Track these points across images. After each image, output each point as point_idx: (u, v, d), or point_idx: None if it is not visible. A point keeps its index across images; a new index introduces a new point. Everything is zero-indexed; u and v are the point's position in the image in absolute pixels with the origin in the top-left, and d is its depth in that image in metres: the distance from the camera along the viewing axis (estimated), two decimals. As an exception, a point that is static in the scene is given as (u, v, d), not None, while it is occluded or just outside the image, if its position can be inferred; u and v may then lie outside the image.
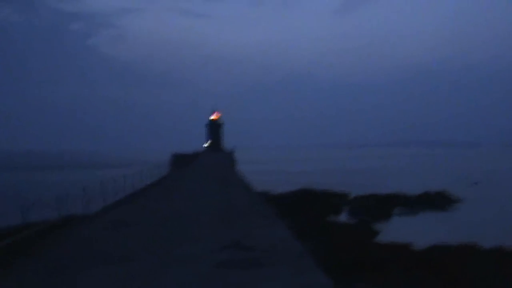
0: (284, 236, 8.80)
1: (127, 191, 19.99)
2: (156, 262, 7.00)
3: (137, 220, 11.35)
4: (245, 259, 6.91)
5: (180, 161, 50.83)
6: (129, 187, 21.66)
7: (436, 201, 39.04)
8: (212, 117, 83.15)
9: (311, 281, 5.75)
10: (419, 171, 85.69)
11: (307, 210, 30.75)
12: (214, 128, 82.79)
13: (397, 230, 26.59)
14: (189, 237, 8.74)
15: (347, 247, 16.17)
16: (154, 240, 8.63)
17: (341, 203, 39.27)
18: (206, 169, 34.17)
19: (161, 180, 32.68)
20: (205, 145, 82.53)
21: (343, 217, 32.36)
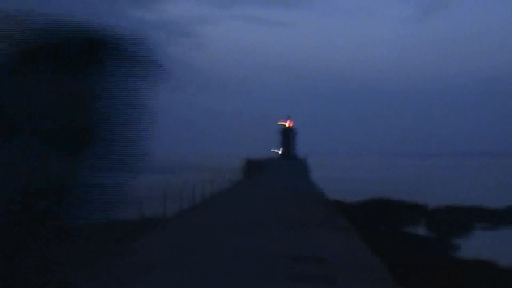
0: (360, 249, 8.44)
1: (203, 196, 20.24)
2: (225, 272, 6.85)
3: (211, 229, 11.36)
4: (318, 274, 6.65)
5: (253, 167, 51.07)
6: (206, 192, 21.94)
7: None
8: (285, 124, 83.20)
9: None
10: (500, 183, 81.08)
11: (382, 221, 29.84)
12: (287, 135, 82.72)
13: (479, 246, 25.12)
14: (260, 247, 8.57)
15: (426, 263, 15.41)
16: (221, 250, 8.54)
17: (418, 214, 37.81)
18: (280, 176, 34.09)
19: (235, 186, 32.93)
20: (278, 151, 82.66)
21: (420, 230, 31.08)
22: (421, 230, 30.83)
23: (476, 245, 25.29)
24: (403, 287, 6.22)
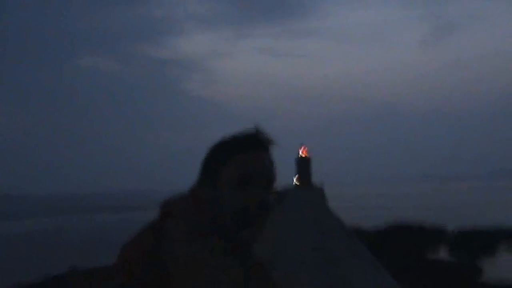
0: (386, 281, 8.36)
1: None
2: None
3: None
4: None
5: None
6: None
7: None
8: (301, 153, 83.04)
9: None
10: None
11: (403, 248, 29.40)
12: (303, 164, 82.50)
13: (505, 268, 24.58)
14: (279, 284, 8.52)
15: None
16: None
17: (440, 238, 37.18)
18: (296, 207, 33.90)
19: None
20: (295, 181, 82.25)
21: (443, 255, 30.54)
22: (444, 255, 30.27)
23: (501, 268, 24.74)
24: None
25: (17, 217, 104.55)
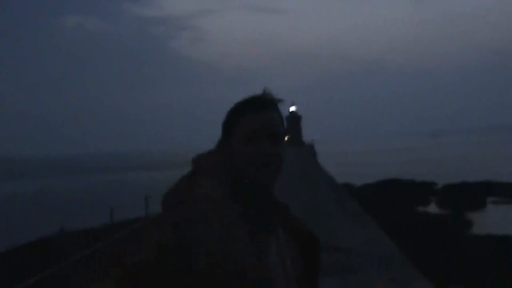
0: (374, 234, 8.22)
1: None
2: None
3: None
4: (333, 263, 6.44)
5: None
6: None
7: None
8: (291, 110, 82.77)
9: (412, 287, 5.19)
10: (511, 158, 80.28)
11: (393, 202, 29.60)
12: (293, 121, 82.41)
13: (493, 221, 24.86)
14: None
15: (441, 242, 15.20)
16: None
17: (429, 193, 37.53)
18: (286, 163, 33.85)
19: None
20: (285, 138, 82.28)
21: (432, 208, 30.84)
22: (433, 208, 30.58)
23: (489, 220, 25.03)
24: (420, 272, 6.00)
25: (8, 178, 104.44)
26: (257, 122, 1.35)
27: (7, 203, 49.02)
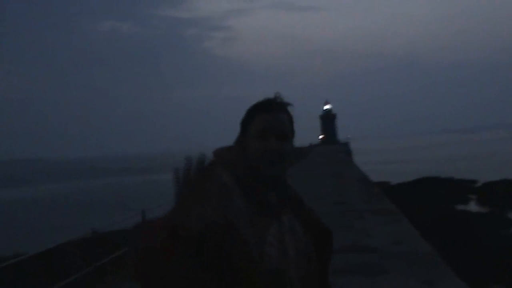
0: (408, 233, 7.97)
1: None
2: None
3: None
4: (365, 263, 6.25)
5: (295, 154, 50.63)
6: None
7: None
8: (325, 108, 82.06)
9: (445, 289, 4.96)
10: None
11: (431, 200, 28.89)
12: (328, 120, 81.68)
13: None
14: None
15: (480, 241, 14.69)
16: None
17: (469, 191, 36.49)
18: (321, 163, 33.57)
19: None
20: (320, 137, 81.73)
21: (472, 206, 29.94)
22: (473, 207, 29.68)
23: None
24: (456, 273, 5.75)
25: (38, 181, 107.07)
26: (267, 121, 1.52)
27: (37, 206, 50.26)
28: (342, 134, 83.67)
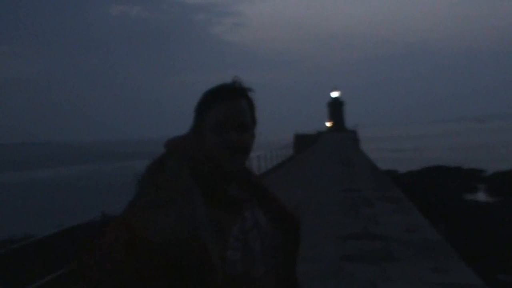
0: (416, 221, 7.95)
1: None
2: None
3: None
4: (374, 251, 6.25)
5: (303, 141, 50.61)
6: (258, 169, 21.80)
7: None
8: (333, 95, 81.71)
9: (455, 277, 4.96)
10: None
11: (439, 189, 28.81)
12: (336, 107, 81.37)
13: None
14: (308, 225, 8.21)
15: (488, 231, 14.66)
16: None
17: (477, 180, 36.35)
18: (329, 150, 33.50)
19: (286, 161, 32.67)
20: (327, 124, 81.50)
21: (480, 196, 29.85)
22: (481, 196, 29.58)
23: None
24: (466, 261, 5.74)
25: (51, 164, 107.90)
26: (226, 111, 1.39)
27: (52, 188, 50.67)
28: (350, 121, 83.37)
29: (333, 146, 37.71)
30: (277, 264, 1.42)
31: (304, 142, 49.57)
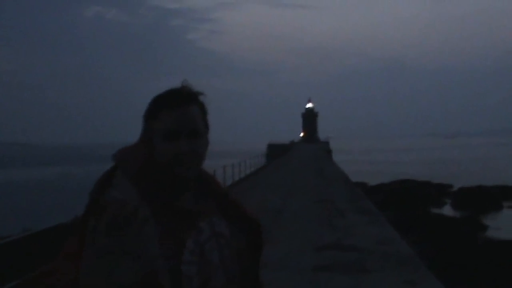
0: (388, 234, 8.17)
1: (227, 182, 20.18)
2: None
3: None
4: (348, 262, 6.41)
5: (276, 151, 50.90)
6: (230, 178, 21.84)
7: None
8: (308, 106, 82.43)
9: (425, 290, 5.15)
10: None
11: (408, 202, 29.36)
12: (310, 118, 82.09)
13: (508, 226, 24.50)
14: (283, 235, 8.33)
15: (455, 245, 15.04)
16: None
17: (445, 195, 37.15)
18: (302, 160, 33.78)
19: (258, 171, 32.78)
20: (300, 135, 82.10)
21: (447, 210, 30.51)
22: (448, 211, 30.23)
23: (505, 225, 24.66)
24: (434, 273, 5.95)
25: (24, 165, 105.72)
26: (175, 119, 1.32)
27: (23, 190, 49.64)
28: (323, 132, 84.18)
29: (306, 156, 38.04)
30: (241, 272, 1.38)
31: (277, 152, 49.87)
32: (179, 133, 1.31)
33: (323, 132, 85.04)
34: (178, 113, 1.32)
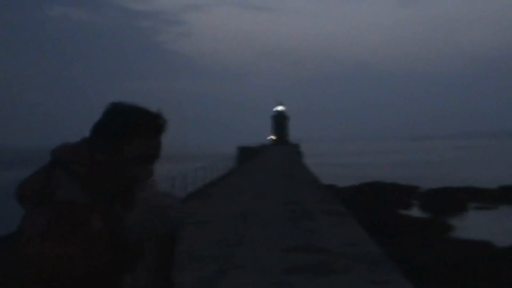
0: (357, 235, 8.18)
1: (197, 185, 20.03)
2: (215, 267, 6.44)
3: (203, 219, 11.06)
4: (316, 263, 6.37)
5: (246, 154, 50.86)
6: (200, 181, 21.68)
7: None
8: (278, 109, 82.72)
9: (393, 290, 5.14)
10: (492, 164, 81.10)
11: (376, 204, 29.70)
12: (280, 121, 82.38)
13: (474, 226, 25.04)
14: (252, 237, 8.25)
15: (422, 245, 15.24)
16: (216, 241, 8.21)
17: (412, 196, 37.77)
18: (272, 162, 33.81)
19: (228, 174, 32.67)
20: (271, 137, 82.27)
21: (414, 211, 31.01)
22: (415, 212, 30.72)
23: (471, 225, 25.19)
24: (402, 274, 5.96)
25: (8, 167, 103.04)
26: (149, 147, 1.38)
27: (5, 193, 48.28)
28: (294, 135, 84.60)
29: (276, 159, 38.11)
30: (155, 272, 1.43)
31: (247, 155, 49.81)
32: (151, 159, 1.39)
33: (293, 135, 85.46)
34: (154, 143, 1.39)
